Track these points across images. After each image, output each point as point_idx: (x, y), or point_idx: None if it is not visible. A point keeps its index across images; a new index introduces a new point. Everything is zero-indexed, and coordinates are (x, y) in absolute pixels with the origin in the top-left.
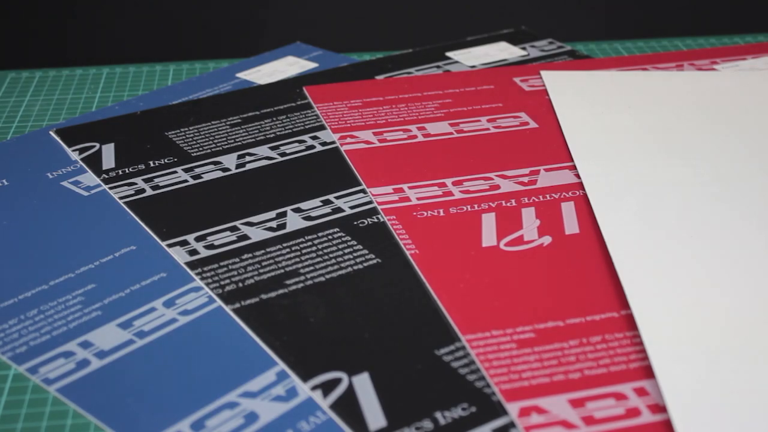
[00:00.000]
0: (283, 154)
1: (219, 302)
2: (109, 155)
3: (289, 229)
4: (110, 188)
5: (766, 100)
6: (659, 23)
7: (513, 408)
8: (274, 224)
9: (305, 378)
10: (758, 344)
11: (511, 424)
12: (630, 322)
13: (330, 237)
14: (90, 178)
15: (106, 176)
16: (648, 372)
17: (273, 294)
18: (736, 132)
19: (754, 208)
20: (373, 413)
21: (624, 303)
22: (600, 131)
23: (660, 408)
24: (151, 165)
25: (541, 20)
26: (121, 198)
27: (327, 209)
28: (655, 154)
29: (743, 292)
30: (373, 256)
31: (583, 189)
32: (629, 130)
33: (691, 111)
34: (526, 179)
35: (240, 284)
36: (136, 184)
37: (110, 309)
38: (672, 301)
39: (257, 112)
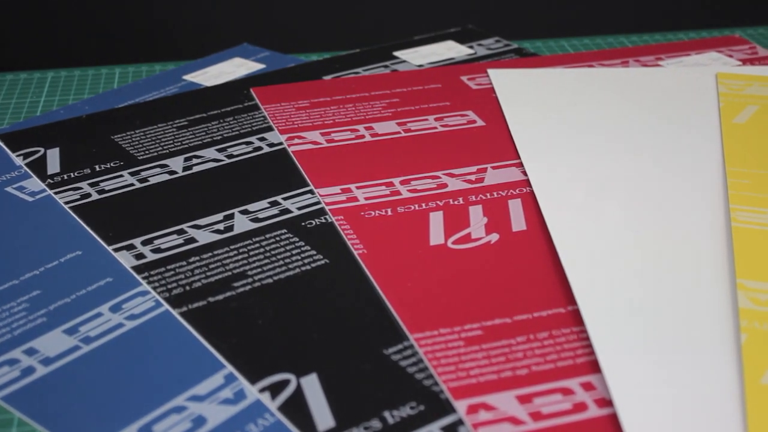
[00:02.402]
0: (230, 156)
1: (166, 306)
2: (54, 160)
3: (236, 231)
4: (55, 193)
5: (709, 95)
6: (604, 20)
7: (461, 405)
8: (221, 226)
9: (253, 380)
10: (702, 338)
11: (459, 422)
12: (577, 318)
13: (278, 238)
14: (35, 183)
15: (51, 181)
16: (594, 366)
17: (220, 297)
18: (680, 127)
19: (700, 203)
20: (322, 414)
21: (571, 298)
22: (547, 128)
23: (606, 402)
24: (97, 169)
25: (487, 19)
26: (66, 203)
27: (275, 210)
28: (601, 150)
29: (689, 287)
30: (321, 257)
31: (530, 186)
32: (575, 127)
33: (636, 107)
34: (473, 177)
35: (187, 287)
36: (81, 188)
37: (56, 315)
38: (618, 296)
39: (204, 114)
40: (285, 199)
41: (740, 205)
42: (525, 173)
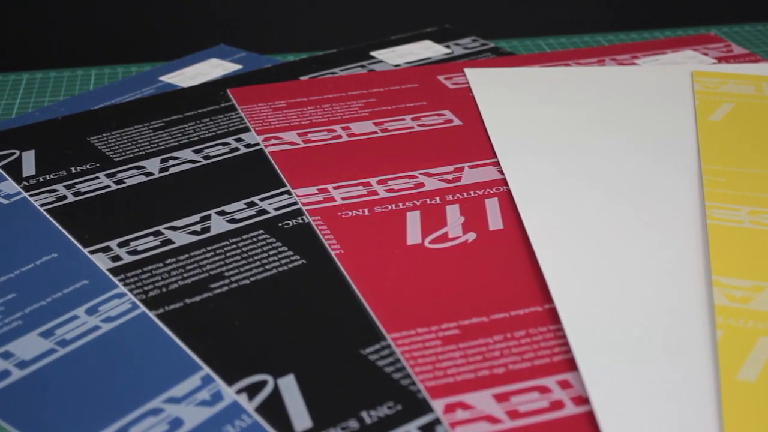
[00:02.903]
0: (207, 157)
1: (143, 308)
2: (29, 162)
3: (213, 232)
4: (31, 196)
5: (685, 93)
6: (581, 20)
7: (438, 405)
8: (198, 228)
9: (230, 382)
10: (678, 335)
11: (437, 421)
12: (553, 316)
13: (255, 239)
14: (10, 185)
15: (27, 183)
16: (571, 364)
17: (197, 298)
18: (656, 125)
19: (676, 200)
20: (299, 414)
21: (547, 297)
22: (523, 127)
23: (583, 400)
24: (73, 171)
25: (464, 18)
26: (42, 205)
27: (251, 211)
28: (578, 149)
29: (665, 284)
30: (298, 258)
31: (507, 185)
32: (552, 126)
33: (612, 105)
34: (450, 177)
35: (164, 289)
36: (57, 190)
37: (31, 318)
38: (594, 294)
39: (181, 116)
40: (262, 199)
41: (716, 202)
42: (502, 172)
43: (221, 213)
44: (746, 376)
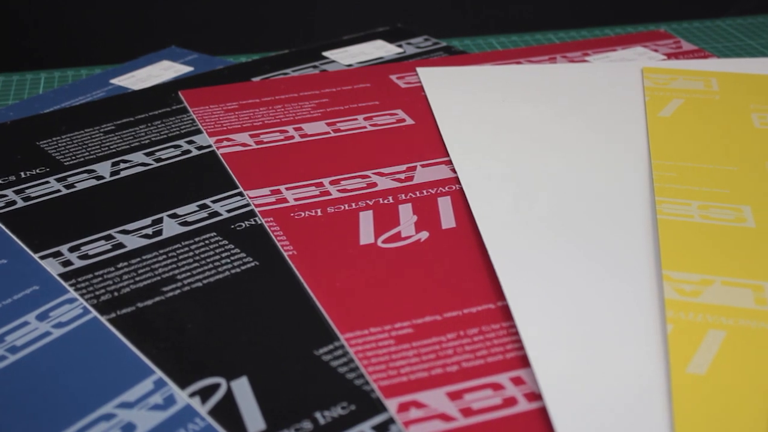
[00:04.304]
0: (158, 160)
1: (94, 313)
2: None
3: (165, 235)
4: None
5: (635, 90)
6: (532, 17)
7: (392, 404)
8: (149, 231)
9: (183, 385)
10: (630, 329)
11: (391, 420)
12: (506, 313)
13: (207, 242)
14: None
15: None
16: (524, 361)
17: (149, 302)
18: (607, 121)
19: (627, 196)
20: (252, 416)
21: (500, 294)
22: (475, 126)
23: (536, 396)
24: (22, 176)
25: (416, 17)
26: None
27: (204, 214)
28: (530, 146)
29: (616, 280)
30: (251, 259)
31: (459, 183)
32: (504, 124)
33: (563, 102)
34: (402, 176)
35: (115, 293)
36: (6, 196)
37: None
38: (546, 290)
39: (132, 118)
40: (214, 201)
41: (666, 197)
42: (454, 171)
43: (173, 216)
44: (696, 369)
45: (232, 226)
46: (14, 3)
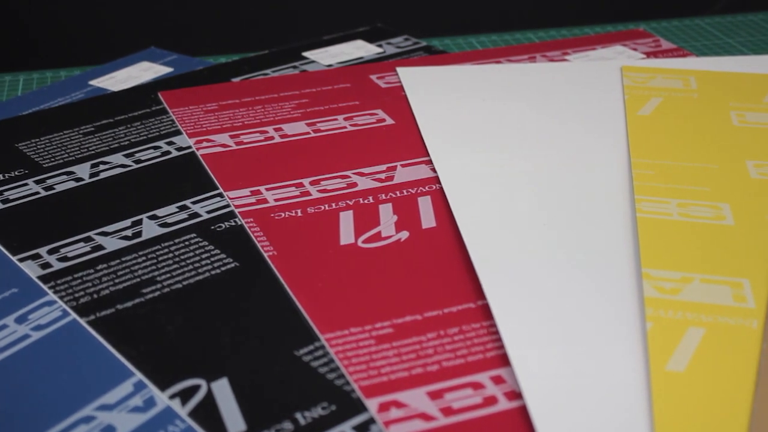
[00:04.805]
0: (138, 162)
1: (74, 315)
2: None
3: (145, 237)
4: None
5: (614, 88)
6: (511, 17)
7: (372, 404)
8: (129, 233)
9: (163, 387)
10: (610, 328)
11: (371, 420)
12: (486, 312)
13: (187, 243)
14: None
15: None
16: (504, 360)
17: (129, 304)
18: (587, 120)
19: (606, 194)
20: (233, 418)
21: (480, 293)
22: (455, 125)
23: (516, 395)
24: (1, 178)
25: (396, 17)
26: None
27: (184, 215)
28: (510, 145)
29: (596, 278)
30: (231, 260)
31: (440, 183)
32: (484, 123)
33: (543, 101)
34: (383, 176)
35: (95, 295)
36: None
37: None
38: (526, 289)
39: (111, 120)
40: (194, 203)
41: (645, 195)
42: (434, 170)
43: (153, 217)
44: (675, 366)
45: (212, 227)
46: None
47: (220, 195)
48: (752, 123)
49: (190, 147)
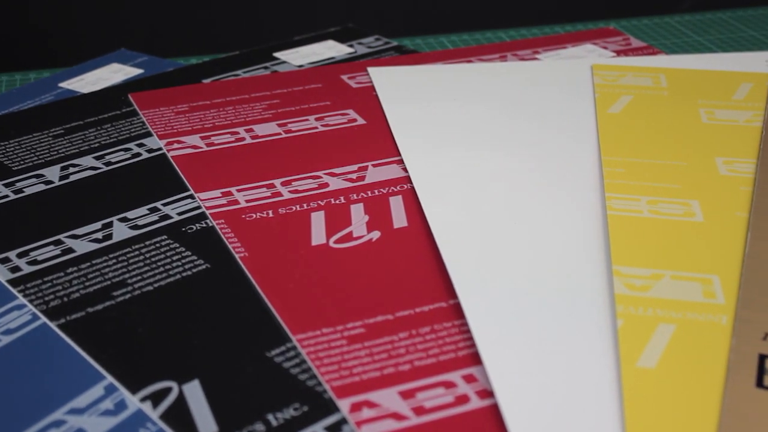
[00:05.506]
0: (108, 164)
1: (44, 319)
2: None
3: (115, 239)
4: None
5: (585, 87)
6: (482, 16)
7: (344, 404)
8: (99, 235)
9: (134, 390)
10: (581, 325)
11: (343, 421)
12: (458, 311)
13: (158, 245)
14: None
15: None
16: (476, 359)
17: (99, 306)
18: (557, 118)
19: (577, 192)
20: (204, 420)
21: (452, 292)
22: (426, 124)
23: (488, 393)
24: None
25: (367, 17)
26: None
27: (154, 217)
28: (481, 144)
29: (567, 276)
30: (202, 262)
31: (411, 182)
32: (455, 122)
33: (514, 100)
34: (354, 176)
35: (65, 299)
36: None
37: None
38: (497, 288)
39: (81, 122)
40: (165, 204)
41: (615, 193)
42: (405, 170)
43: (123, 219)
44: (646, 363)
45: (183, 229)
46: None
47: (191, 196)
48: (721, 120)
49: (160, 149)
